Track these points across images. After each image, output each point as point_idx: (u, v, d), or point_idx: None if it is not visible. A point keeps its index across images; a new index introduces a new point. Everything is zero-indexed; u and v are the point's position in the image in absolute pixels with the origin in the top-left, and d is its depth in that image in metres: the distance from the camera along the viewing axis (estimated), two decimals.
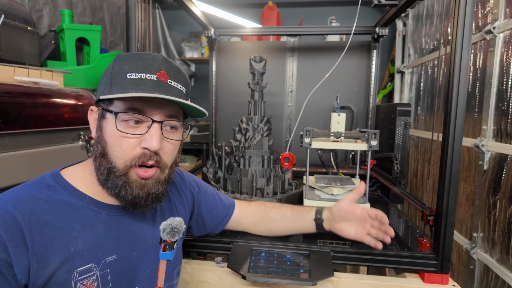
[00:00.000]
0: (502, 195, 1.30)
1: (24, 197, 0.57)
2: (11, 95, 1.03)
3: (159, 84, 0.60)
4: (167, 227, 0.52)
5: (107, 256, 0.61)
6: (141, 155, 0.60)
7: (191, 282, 0.93)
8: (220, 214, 0.90)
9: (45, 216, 0.56)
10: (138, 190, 0.61)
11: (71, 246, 0.57)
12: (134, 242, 0.66)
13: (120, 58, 0.62)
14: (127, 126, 0.60)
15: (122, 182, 0.60)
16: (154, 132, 0.60)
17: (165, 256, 0.52)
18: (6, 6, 1.34)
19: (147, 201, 0.62)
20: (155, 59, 0.61)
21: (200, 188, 0.88)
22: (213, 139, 2.03)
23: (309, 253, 0.88)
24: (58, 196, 0.59)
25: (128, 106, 0.59)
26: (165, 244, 0.52)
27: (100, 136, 0.62)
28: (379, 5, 1.27)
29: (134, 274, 0.65)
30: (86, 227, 0.60)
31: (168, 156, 0.64)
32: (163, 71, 0.61)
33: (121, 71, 0.60)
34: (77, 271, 0.56)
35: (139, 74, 0.59)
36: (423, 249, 0.91)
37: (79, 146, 1.31)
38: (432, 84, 2.08)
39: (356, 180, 1.25)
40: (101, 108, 0.62)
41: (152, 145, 0.59)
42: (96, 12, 2.26)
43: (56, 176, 0.62)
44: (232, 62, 2.00)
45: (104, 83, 0.62)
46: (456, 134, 0.83)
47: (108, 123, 0.61)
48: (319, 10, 3.01)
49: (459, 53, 0.81)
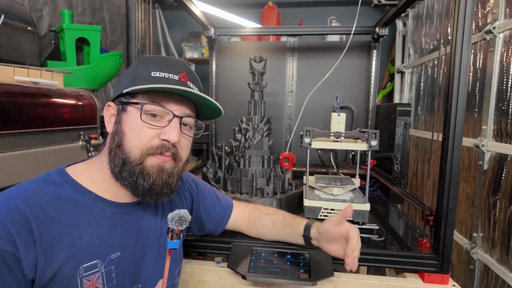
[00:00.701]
0: (502, 195, 1.30)
1: (31, 192, 0.57)
2: (11, 95, 1.03)
3: (181, 84, 0.64)
4: (175, 216, 0.53)
5: (112, 253, 0.62)
6: (159, 146, 0.62)
7: (191, 282, 0.93)
8: (219, 215, 0.90)
9: (51, 211, 0.57)
10: (155, 176, 0.62)
11: (77, 242, 0.57)
12: (137, 240, 0.67)
13: (144, 59, 0.66)
14: (148, 118, 0.62)
15: (139, 169, 0.61)
16: (175, 126, 0.63)
17: (172, 245, 0.52)
18: (6, 6, 1.34)
19: (163, 189, 0.64)
20: (178, 62, 0.66)
21: (199, 188, 0.88)
22: (213, 139, 2.03)
23: (309, 253, 0.88)
24: (64, 192, 0.60)
25: (152, 100, 0.62)
26: (172, 233, 0.53)
27: (119, 128, 0.63)
28: (379, 5, 1.27)
29: (137, 272, 0.66)
30: (91, 224, 0.60)
31: (184, 150, 0.67)
32: (184, 73, 0.65)
33: (146, 69, 0.63)
34: (83, 267, 0.57)
35: (163, 73, 0.63)
36: (423, 249, 0.91)
37: (79, 146, 1.31)
38: (432, 84, 2.08)
39: (356, 180, 1.25)
40: (120, 103, 0.65)
41: (172, 138, 0.62)
42: (96, 12, 2.26)
43: (61, 173, 0.63)
44: (232, 62, 2.00)
45: (127, 80, 0.64)
46: (456, 134, 0.83)
47: (130, 115, 0.63)
48: (319, 10, 3.01)
49: (459, 53, 0.81)
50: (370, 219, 1.09)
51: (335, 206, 1.03)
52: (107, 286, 0.60)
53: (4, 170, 0.97)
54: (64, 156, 1.22)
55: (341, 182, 1.15)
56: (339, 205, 1.03)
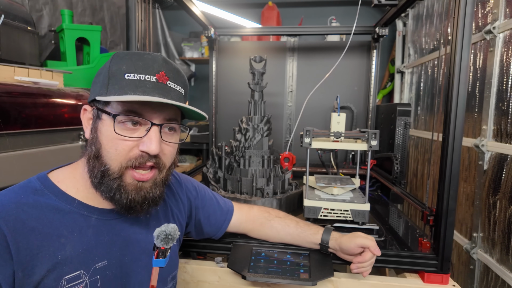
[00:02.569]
0: (502, 195, 1.29)
1: (8, 203, 0.54)
2: (11, 95, 1.03)
3: (159, 86, 0.58)
4: (161, 234, 0.51)
5: (97, 262, 0.59)
6: (138, 157, 0.58)
7: (191, 282, 0.93)
8: (218, 220, 0.88)
9: (31, 222, 0.54)
10: (134, 194, 0.59)
11: (58, 253, 0.55)
12: (126, 247, 0.64)
13: (117, 57, 0.59)
14: (124, 128, 0.57)
15: (116, 185, 0.58)
16: (153, 136, 0.58)
17: (158, 263, 0.51)
18: (6, 6, 1.34)
19: (143, 205, 0.61)
20: (155, 60, 0.59)
21: (198, 192, 0.85)
22: (213, 139, 2.03)
23: (309, 253, 0.88)
24: (46, 200, 0.57)
25: (127, 108, 0.57)
26: (158, 251, 0.51)
27: (95, 137, 0.59)
28: (379, 5, 1.27)
29: (126, 279, 0.63)
30: (74, 233, 0.57)
31: (167, 157, 0.63)
32: (162, 72, 0.59)
33: (119, 71, 0.57)
34: (65, 278, 0.54)
35: (138, 75, 0.57)
36: (423, 249, 0.91)
37: (79, 146, 1.31)
38: (432, 84, 2.08)
39: (356, 180, 1.25)
40: (95, 108, 0.60)
41: (151, 149, 0.57)
42: (96, 12, 2.26)
43: (43, 179, 0.60)
44: (232, 62, 2.00)
45: (100, 82, 0.59)
46: (456, 134, 0.83)
47: (104, 124, 0.58)
48: (319, 10, 3.01)
49: (459, 53, 0.81)
50: (370, 219, 1.09)
51: (335, 206, 1.03)
52: None
53: (4, 170, 0.97)
54: (64, 156, 1.22)
55: (341, 182, 1.15)
56: (339, 205, 1.03)
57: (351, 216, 1.03)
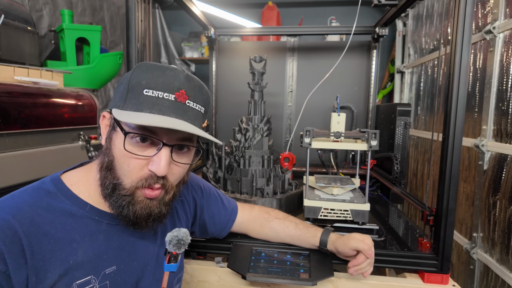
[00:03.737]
0: (502, 195, 1.30)
1: (23, 205, 0.54)
2: (11, 95, 1.03)
3: (176, 106, 0.57)
4: (174, 239, 0.51)
5: (107, 268, 0.59)
6: (148, 177, 0.57)
7: (191, 282, 0.93)
8: (223, 219, 0.88)
9: (44, 226, 0.54)
10: (141, 210, 0.58)
11: (70, 258, 0.55)
12: (135, 252, 0.64)
13: (140, 68, 0.58)
14: (136, 145, 0.56)
15: (126, 202, 0.57)
16: (163, 156, 0.56)
17: (169, 268, 0.50)
18: (6, 6, 1.34)
19: (148, 222, 0.60)
20: (176, 77, 0.57)
21: (204, 192, 0.85)
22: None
23: (309, 253, 0.88)
24: (59, 204, 0.57)
25: (140, 125, 0.56)
26: (170, 256, 0.51)
27: (109, 148, 0.59)
28: (379, 5, 1.27)
29: (136, 285, 0.63)
30: (86, 238, 0.58)
31: (175, 177, 0.62)
32: (182, 91, 0.57)
33: (139, 85, 0.56)
34: (76, 283, 0.55)
35: (157, 92, 0.56)
36: (423, 249, 0.91)
37: (79, 146, 1.31)
38: (432, 84, 2.08)
39: (356, 180, 1.25)
40: (112, 118, 0.59)
41: (159, 170, 0.56)
42: (96, 12, 2.26)
43: (56, 182, 0.60)
44: (232, 62, 2.00)
45: (120, 93, 0.59)
46: (456, 134, 0.83)
47: (118, 137, 0.58)
48: (319, 10, 3.01)
49: (459, 53, 0.81)
50: (370, 219, 1.09)
51: (335, 206, 1.03)
52: None
53: (4, 170, 0.97)
54: (64, 156, 1.22)
55: (341, 182, 1.15)
56: (339, 205, 1.03)
57: (351, 216, 1.03)
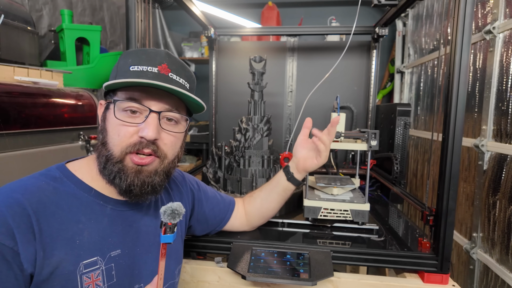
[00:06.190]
0: (502, 195, 1.30)
1: (32, 186, 0.57)
2: (11, 95, 1.03)
3: (160, 76, 0.61)
4: (168, 209, 0.52)
5: (112, 250, 0.61)
6: (137, 143, 0.60)
7: (191, 282, 0.93)
8: (222, 209, 0.92)
9: (51, 206, 0.56)
10: (132, 177, 0.61)
11: (77, 238, 0.57)
12: (138, 239, 0.66)
13: (125, 53, 0.65)
14: (126, 115, 0.61)
15: (117, 169, 0.60)
16: (151, 122, 0.60)
17: (166, 239, 0.51)
18: (6, 6, 1.34)
19: (142, 189, 0.62)
20: (158, 53, 0.63)
21: (200, 186, 0.89)
22: (213, 139, 2.03)
23: (309, 253, 0.88)
24: (65, 188, 0.60)
25: (128, 96, 0.61)
26: (165, 227, 0.52)
27: (103, 126, 0.63)
28: (379, 5, 1.27)
29: (138, 270, 0.65)
30: (92, 220, 0.60)
31: (168, 147, 0.64)
32: (164, 65, 0.62)
33: (125, 64, 0.62)
34: (83, 263, 0.57)
35: (141, 66, 0.61)
36: (423, 249, 0.91)
37: (79, 146, 1.31)
38: (432, 84, 2.08)
39: (356, 180, 1.25)
40: (105, 101, 0.65)
41: (148, 135, 0.60)
42: (96, 12, 2.26)
43: (62, 169, 0.63)
44: (232, 62, 2.00)
45: (111, 77, 0.64)
46: (456, 134, 0.83)
47: (110, 113, 0.62)
48: (319, 10, 3.01)
49: (459, 53, 0.81)
50: (370, 219, 1.09)
51: (335, 206, 1.03)
52: (107, 283, 0.60)
53: (4, 170, 0.97)
54: (64, 156, 1.22)
55: (341, 182, 1.15)
56: (339, 205, 1.03)
57: (351, 216, 1.03)
